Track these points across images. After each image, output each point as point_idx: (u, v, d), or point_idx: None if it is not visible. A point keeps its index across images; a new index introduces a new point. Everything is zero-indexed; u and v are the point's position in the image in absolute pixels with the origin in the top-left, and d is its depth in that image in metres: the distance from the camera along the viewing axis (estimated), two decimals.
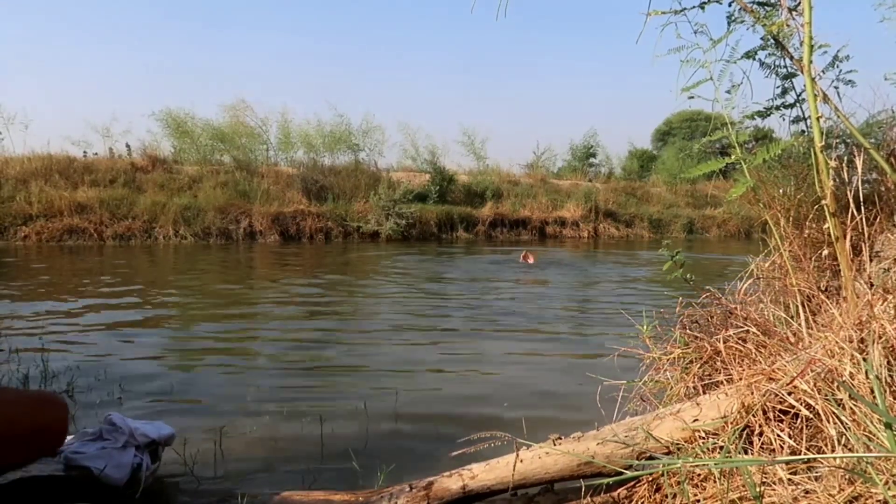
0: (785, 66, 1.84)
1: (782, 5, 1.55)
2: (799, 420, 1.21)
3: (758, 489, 1.09)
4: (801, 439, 1.18)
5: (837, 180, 1.63)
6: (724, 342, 1.57)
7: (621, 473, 1.22)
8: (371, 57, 51.44)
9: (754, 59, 1.82)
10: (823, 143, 1.49)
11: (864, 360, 1.17)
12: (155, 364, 3.01)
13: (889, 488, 0.96)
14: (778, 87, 1.88)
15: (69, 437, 1.57)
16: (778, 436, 1.20)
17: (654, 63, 1.71)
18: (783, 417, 1.23)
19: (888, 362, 1.17)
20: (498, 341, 3.66)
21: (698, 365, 1.60)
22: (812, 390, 1.20)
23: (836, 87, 1.76)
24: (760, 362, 1.42)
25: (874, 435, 1.06)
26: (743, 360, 1.50)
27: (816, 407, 1.18)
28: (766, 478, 1.13)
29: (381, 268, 7.85)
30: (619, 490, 1.37)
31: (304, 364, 3.10)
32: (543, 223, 14.55)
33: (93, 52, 43.28)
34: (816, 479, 1.08)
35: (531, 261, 8.34)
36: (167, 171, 12.82)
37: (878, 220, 1.78)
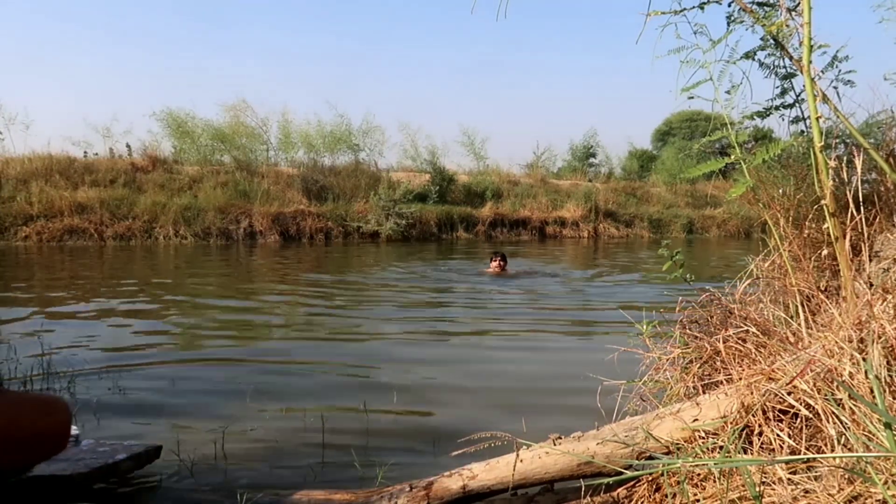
0: (784, 67, 1.84)
1: (781, 5, 1.56)
2: (798, 420, 1.22)
3: (757, 489, 1.09)
4: (801, 439, 1.19)
5: (837, 180, 1.63)
6: (724, 342, 1.57)
7: (621, 473, 1.23)
8: (371, 57, 51.51)
9: (754, 59, 1.82)
10: (823, 143, 1.50)
11: (864, 359, 1.17)
12: (155, 363, 3.01)
13: (888, 488, 0.96)
14: (777, 87, 1.88)
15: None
16: (777, 435, 1.20)
17: (654, 63, 1.72)
18: (783, 417, 1.23)
19: (887, 362, 1.17)
20: (497, 341, 3.66)
21: (698, 365, 1.60)
22: (812, 390, 1.20)
23: (835, 88, 1.76)
24: (760, 362, 1.42)
25: (874, 435, 1.06)
26: (743, 360, 1.50)
27: (816, 407, 1.18)
28: (765, 477, 1.13)
29: (381, 267, 7.85)
30: (619, 490, 1.38)
31: (304, 363, 3.10)
32: (543, 223, 14.54)
33: (94, 52, 43.36)
34: (816, 478, 1.08)
35: (494, 269, 6.62)
36: (167, 172, 12.83)
37: (877, 219, 1.78)
